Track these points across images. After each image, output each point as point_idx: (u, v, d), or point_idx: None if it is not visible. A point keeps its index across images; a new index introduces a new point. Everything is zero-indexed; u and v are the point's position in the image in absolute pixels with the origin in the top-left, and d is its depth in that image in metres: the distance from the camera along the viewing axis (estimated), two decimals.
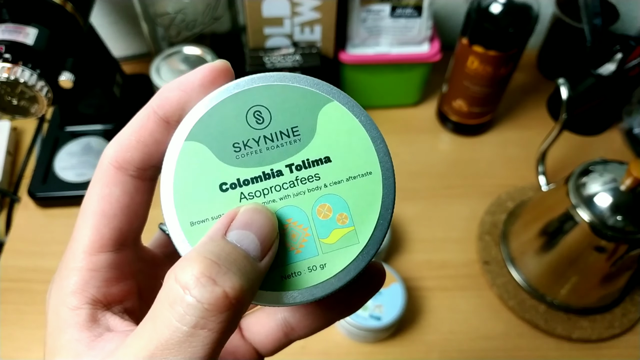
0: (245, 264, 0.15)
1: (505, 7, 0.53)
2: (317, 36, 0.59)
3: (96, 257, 0.18)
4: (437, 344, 0.49)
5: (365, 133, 0.18)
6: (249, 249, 0.16)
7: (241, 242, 0.16)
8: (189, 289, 0.14)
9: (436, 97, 0.69)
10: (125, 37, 0.73)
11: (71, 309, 0.17)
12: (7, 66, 0.40)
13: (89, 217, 0.18)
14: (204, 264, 0.14)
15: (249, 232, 0.16)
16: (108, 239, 0.18)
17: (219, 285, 0.14)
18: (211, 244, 0.15)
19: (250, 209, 0.17)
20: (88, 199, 0.19)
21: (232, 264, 0.15)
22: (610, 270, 0.47)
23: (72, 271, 0.18)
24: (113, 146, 0.19)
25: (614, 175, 0.44)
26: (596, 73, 0.54)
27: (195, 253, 0.15)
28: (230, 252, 0.15)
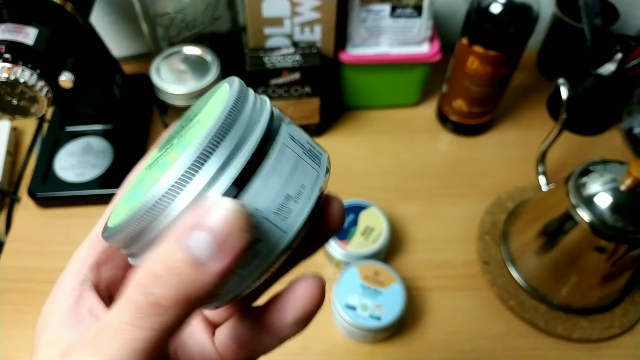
0: (189, 272, 0.15)
1: (505, 7, 0.53)
2: (317, 36, 0.59)
3: (95, 245, 0.21)
4: (437, 344, 0.49)
5: (228, 93, 0.18)
6: (200, 252, 0.15)
7: (194, 243, 0.15)
8: (128, 294, 0.15)
9: (436, 97, 0.69)
10: (125, 37, 0.73)
11: (66, 290, 0.20)
12: (7, 66, 0.40)
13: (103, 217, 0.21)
14: (147, 275, 0.15)
15: (204, 233, 0.15)
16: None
17: (154, 294, 0.15)
18: (165, 246, 0.15)
19: (212, 205, 0.15)
20: (107, 215, 0.21)
21: (173, 275, 0.15)
22: (610, 270, 0.47)
23: (74, 260, 0.21)
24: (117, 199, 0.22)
25: (614, 175, 0.44)
26: (596, 73, 0.54)
27: (151, 259, 0.16)
28: (176, 260, 0.15)
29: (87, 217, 0.57)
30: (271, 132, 0.18)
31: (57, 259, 0.54)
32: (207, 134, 0.16)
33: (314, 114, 0.62)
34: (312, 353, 0.48)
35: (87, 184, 0.58)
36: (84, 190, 0.57)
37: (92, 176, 0.58)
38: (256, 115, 0.18)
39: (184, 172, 0.16)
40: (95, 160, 0.60)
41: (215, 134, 0.16)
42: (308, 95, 0.60)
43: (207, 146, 0.16)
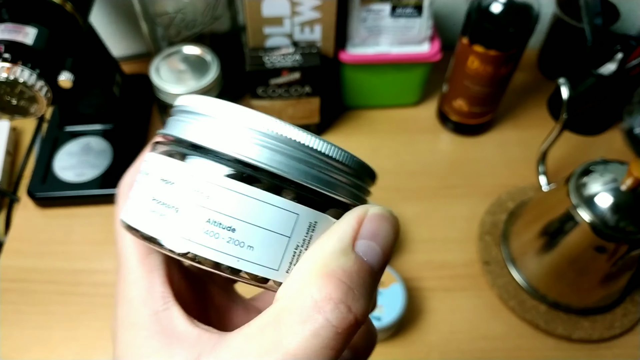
0: (371, 281, 0.16)
1: (506, 6, 0.53)
2: (317, 36, 0.59)
3: (148, 259, 0.19)
4: (437, 344, 0.49)
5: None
6: (374, 263, 0.16)
7: (367, 254, 0.16)
8: (324, 311, 0.15)
9: (436, 97, 0.69)
10: (125, 36, 0.72)
11: (147, 316, 0.17)
12: (6, 66, 0.40)
13: (126, 235, 0.19)
14: (341, 290, 0.15)
15: (375, 245, 0.16)
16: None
17: (353, 311, 0.15)
18: (342, 258, 0.16)
19: (378, 215, 0.17)
20: (118, 224, 0.20)
21: (362, 286, 0.15)
22: (611, 271, 0.47)
23: (135, 282, 0.18)
24: (130, 174, 0.21)
25: (614, 175, 0.44)
26: (597, 73, 0.54)
27: (325, 269, 0.15)
28: (360, 270, 0.16)
29: (87, 217, 0.57)
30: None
31: (57, 259, 0.54)
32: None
33: (314, 114, 0.62)
34: None
35: (87, 184, 0.57)
36: (83, 190, 0.57)
37: (92, 176, 0.58)
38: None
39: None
40: (95, 160, 0.60)
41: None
42: (308, 95, 0.59)
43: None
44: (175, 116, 0.18)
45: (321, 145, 0.17)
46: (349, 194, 0.18)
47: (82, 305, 0.51)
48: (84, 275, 0.53)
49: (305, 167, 0.16)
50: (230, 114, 0.16)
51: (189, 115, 0.17)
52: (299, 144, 0.16)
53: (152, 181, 0.17)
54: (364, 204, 0.18)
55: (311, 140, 0.16)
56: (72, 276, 0.53)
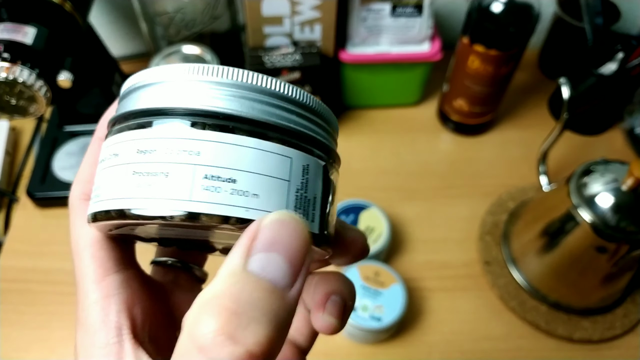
0: (272, 300, 0.13)
1: (506, 6, 0.53)
2: (317, 35, 0.59)
3: (105, 282, 0.18)
4: (437, 345, 0.49)
5: None
6: (276, 278, 0.13)
7: (265, 269, 0.14)
8: (205, 351, 0.12)
9: (437, 97, 0.69)
10: (124, 36, 0.72)
11: (99, 347, 0.16)
12: (5, 65, 0.40)
13: (84, 251, 0.18)
14: (222, 318, 0.12)
15: (275, 255, 0.14)
16: (108, 259, 0.18)
17: (241, 343, 0.12)
18: (229, 280, 0.13)
19: (274, 222, 0.14)
20: (74, 239, 0.19)
21: (255, 307, 0.13)
22: (612, 271, 0.46)
23: (90, 307, 0.17)
24: (77, 185, 0.20)
25: (615, 175, 0.44)
26: (597, 72, 0.54)
27: (210, 297, 0.13)
28: (253, 290, 0.13)
29: None
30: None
31: (56, 260, 0.54)
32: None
33: None
34: (312, 354, 0.48)
35: None
36: None
37: None
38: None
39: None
40: None
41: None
42: None
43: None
44: (127, 96, 0.18)
45: (290, 89, 0.17)
46: (326, 137, 0.18)
47: None
48: None
49: (280, 111, 0.16)
50: (187, 71, 0.16)
51: (143, 88, 0.17)
52: (267, 90, 0.16)
53: (127, 157, 0.16)
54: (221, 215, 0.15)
55: (279, 85, 0.16)
56: (72, 276, 0.52)
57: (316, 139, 0.17)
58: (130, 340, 0.17)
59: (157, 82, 0.17)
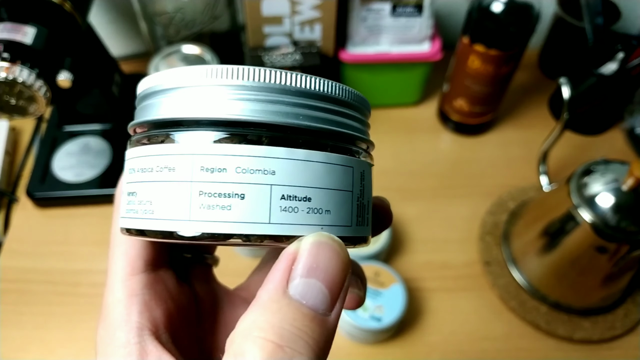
0: (313, 328, 0.13)
1: (507, 6, 0.53)
2: (317, 35, 0.59)
3: (131, 281, 0.18)
4: (438, 345, 0.49)
5: None
6: (316, 304, 0.13)
7: (306, 296, 0.13)
8: None
9: (437, 97, 0.69)
10: (124, 36, 0.72)
11: (119, 344, 0.16)
12: (5, 65, 0.40)
13: (118, 246, 0.19)
14: (265, 351, 0.12)
15: (315, 281, 0.14)
16: (137, 259, 0.18)
17: None
18: (271, 307, 0.13)
19: (314, 244, 0.14)
20: (113, 233, 0.19)
21: (298, 339, 0.13)
22: (612, 271, 0.46)
23: (114, 304, 0.17)
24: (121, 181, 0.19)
25: (615, 175, 0.44)
26: (598, 72, 0.54)
27: (254, 326, 0.13)
28: (295, 319, 0.13)
29: (86, 217, 0.57)
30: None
31: (56, 260, 0.54)
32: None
33: None
34: None
35: (86, 184, 0.57)
36: (82, 190, 0.57)
37: (91, 176, 0.58)
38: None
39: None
40: (94, 160, 0.59)
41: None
42: None
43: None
44: (165, 95, 0.16)
45: (329, 87, 0.16)
46: (366, 133, 0.17)
47: (81, 306, 0.51)
48: (83, 275, 0.53)
49: (335, 116, 0.16)
50: (237, 75, 0.15)
51: (188, 90, 0.15)
52: (321, 94, 0.15)
53: (188, 174, 0.15)
54: (299, 236, 0.15)
55: (330, 86, 0.16)
56: (71, 276, 0.53)
57: (367, 140, 0.17)
58: (152, 342, 0.17)
59: (209, 85, 0.15)
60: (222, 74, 0.15)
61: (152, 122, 0.16)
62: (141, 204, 0.15)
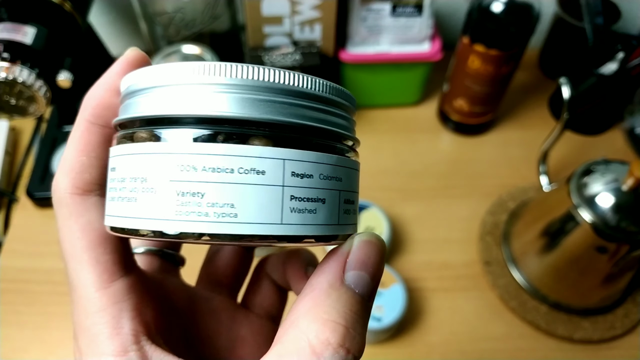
0: (363, 312, 0.16)
1: (507, 6, 0.53)
2: (317, 35, 0.59)
3: (112, 288, 0.16)
4: (438, 345, 0.49)
5: None
6: (365, 292, 0.16)
7: (358, 285, 0.16)
8: (322, 356, 0.15)
9: (437, 97, 0.69)
10: (124, 36, 0.72)
11: (116, 357, 0.16)
12: (5, 65, 0.40)
13: (82, 255, 0.16)
14: (338, 334, 0.15)
15: (364, 273, 0.16)
16: (112, 264, 0.17)
17: (351, 352, 0.15)
18: (334, 294, 0.15)
19: (366, 242, 0.16)
20: (67, 240, 0.17)
21: (357, 322, 0.15)
22: (612, 271, 0.46)
23: (97, 316, 0.16)
24: (64, 175, 0.17)
25: (615, 175, 0.44)
26: (598, 72, 0.54)
27: (320, 310, 0.15)
28: (353, 305, 0.15)
29: None
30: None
31: (56, 260, 0.54)
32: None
33: None
34: None
35: None
36: None
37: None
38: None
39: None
40: None
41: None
42: None
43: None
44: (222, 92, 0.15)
45: (322, 86, 0.16)
46: (352, 131, 0.18)
47: None
48: None
49: (329, 117, 0.16)
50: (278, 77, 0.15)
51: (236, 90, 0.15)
52: (311, 94, 0.16)
53: (278, 178, 0.15)
54: (351, 233, 0.17)
55: (314, 83, 0.16)
56: None
57: (357, 140, 0.18)
58: (151, 346, 0.16)
59: (196, 83, 0.15)
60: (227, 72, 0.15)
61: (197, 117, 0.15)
62: (224, 208, 0.15)
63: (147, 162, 0.15)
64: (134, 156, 0.15)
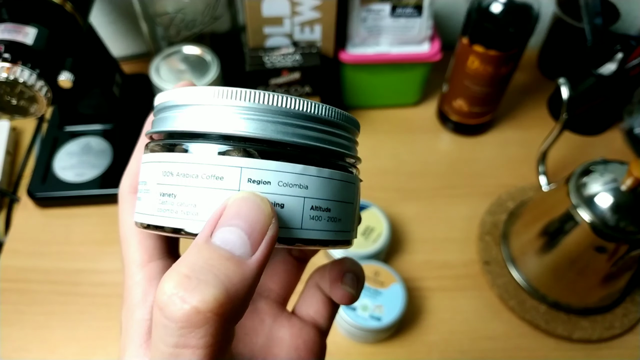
0: (226, 266, 0.14)
1: (506, 6, 0.53)
2: (317, 36, 0.59)
3: (149, 267, 0.20)
4: (437, 345, 0.49)
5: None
6: (234, 247, 0.15)
7: (225, 241, 0.15)
8: (163, 310, 0.14)
9: (436, 97, 0.69)
10: (125, 36, 0.72)
11: (136, 322, 0.18)
12: (6, 66, 0.40)
13: (131, 238, 0.20)
14: (175, 280, 0.14)
15: (234, 228, 0.15)
16: (153, 248, 0.20)
17: (187, 301, 0.13)
18: (191, 252, 0.15)
19: (238, 200, 0.15)
20: (123, 227, 0.21)
21: (206, 271, 0.14)
22: (611, 271, 0.47)
23: (133, 286, 0.19)
24: (127, 178, 0.21)
25: (614, 175, 0.44)
26: (597, 73, 0.54)
27: (173, 266, 0.14)
28: (209, 257, 0.14)
29: (87, 217, 0.57)
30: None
31: (57, 259, 0.54)
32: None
33: None
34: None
35: (87, 184, 0.57)
36: (83, 190, 0.57)
37: (92, 176, 0.58)
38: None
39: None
40: (95, 160, 0.60)
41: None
42: (308, 95, 0.60)
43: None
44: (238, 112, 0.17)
45: (328, 112, 0.18)
46: (355, 151, 0.20)
47: (81, 305, 0.51)
48: (83, 275, 0.53)
49: (330, 137, 0.18)
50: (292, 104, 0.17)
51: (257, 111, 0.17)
52: (311, 116, 0.17)
53: (240, 185, 0.16)
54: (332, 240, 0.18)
55: (317, 108, 0.18)
56: (72, 276, 0.53)
57: (358, 159, 0.20)
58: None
59: (218, 105, 0.17)
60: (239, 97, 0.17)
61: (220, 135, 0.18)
62: (182, 206, 0.17)
63: (147, 169, 0.18)
64: (145, 164, 0.18)
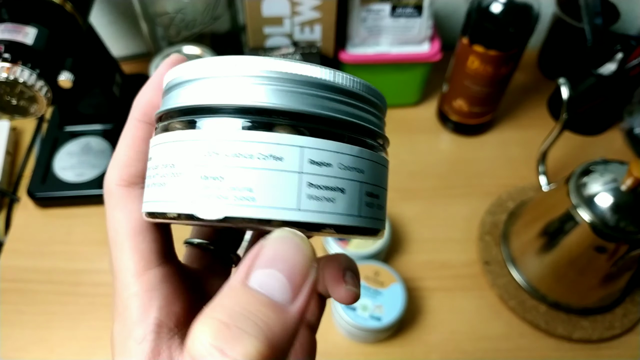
0: (268, 314, 0.13)
1: (506, 6, 0.53)
2: (317, 36, 0.59)
3: (146, 276, 0.17)
4: (437, 345, 0.49)
5: None
6: (274, 293, 0.13)
7: (264, 285, 0.13)
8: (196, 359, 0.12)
9: (436, 97, 0.69)
10: (125, 36, 0.72)
11: (135, 341, 0.16)
12: (6, 66, 0.40)
13: (124, 242, 0.18)
14: (212, 330, 0.12)
15: (274, 270, 0.14)
16: (150, 253, 0.18)
17: (228, 355, 0.12)
18: (227, 295, 0.13)
19: (276, 239, 0.14)
20: (112, 227, 0.18)
21: (247, 320, 0.13)
22: (611, 271, 0.47)
23: (129, 300, 0.17)
24: (114, 170, 0.18)
25: (614, 175, 0.44)
26: (597, 73, 0.54)
27: (207, 311, 0.13)
28: (248, 304, 0.13)
29: (87, 217, 0.57)
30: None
31: (57, 259, 0.54)
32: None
33: None
34: None
35: (87, 184, 0.57)
36: (83, 190, 0.57)
37: (92, 176, 0.58)
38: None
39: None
40: (95, 160, 0.60)
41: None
42: None
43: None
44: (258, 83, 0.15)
45: (357, 85, 0.17)
46: (379, 127, 0.18)
47: (82, 305, 0.51)
48: (84, 275, 0.53)
49: (357, 111, 0.16)
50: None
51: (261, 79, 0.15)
52: (339, 87, 0.16)
53: (297, 165, 0.15)
54: (379, 229, 0.16)
55: (348, 80, 0.16)
56: (72, 276, 0.53)
57: (386, 138, 0.18)
58: (167, 341, 0.17)
59: (233, 76, 0.15)
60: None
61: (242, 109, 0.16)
62: (244, 192, 0.15)
63: (177, 149, 0.16)
64: (166, 144, 0.16)
